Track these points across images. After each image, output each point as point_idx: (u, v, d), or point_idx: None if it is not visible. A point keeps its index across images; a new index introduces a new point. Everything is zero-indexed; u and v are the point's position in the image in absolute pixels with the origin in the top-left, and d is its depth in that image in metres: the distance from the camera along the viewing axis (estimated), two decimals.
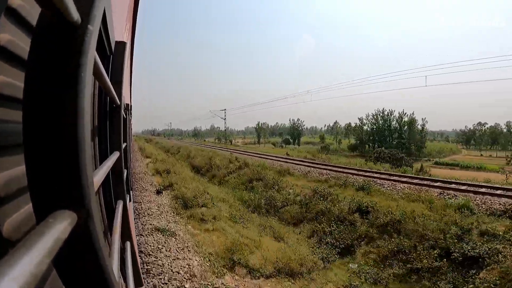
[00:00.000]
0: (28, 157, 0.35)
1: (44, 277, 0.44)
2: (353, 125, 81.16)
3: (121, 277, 1.28)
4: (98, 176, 0.60)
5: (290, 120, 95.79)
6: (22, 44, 0.45)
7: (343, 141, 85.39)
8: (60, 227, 0.31)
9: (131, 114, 4.56)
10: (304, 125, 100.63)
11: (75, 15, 0.36)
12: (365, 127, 73.91)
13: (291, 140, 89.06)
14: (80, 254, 0.40)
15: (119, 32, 1.65)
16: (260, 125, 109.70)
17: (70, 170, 0.35)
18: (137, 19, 5.35)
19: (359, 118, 76.24)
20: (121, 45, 1.33)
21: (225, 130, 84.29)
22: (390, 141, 66.83)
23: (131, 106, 5.16)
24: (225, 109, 62.62)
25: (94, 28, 0.40)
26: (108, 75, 1.07)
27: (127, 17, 2.67)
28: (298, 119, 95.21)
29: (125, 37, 2.58)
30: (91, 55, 0.39)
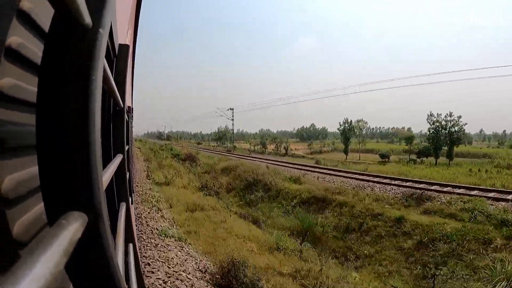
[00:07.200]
0: (41, 159, 0.36)
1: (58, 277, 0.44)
2: None
3: (125, 280, 1.27)
4: (104, 178, 0.60)
5: (429, 116, 41.71)
6: (33, 47, 0.46)
7: None
8: (72, 228, 0.31)
9: (132, 117, 4.57)
10: (462, 123, 39.24)
11: (87, 18, 0.37)
12: None
13: (432, 150, 40.07)
14: (90, 255, 0.40)
15: (122, 34, 1.66)
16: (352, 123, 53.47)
17: (81, 171, 0.36)
18: (140, 20, 5.37)
19: None
20: (124, 48, 1.34)
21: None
22: None
23: (132, 109, 5.18)
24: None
25: (104, 32, 0.40)
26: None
27: (129, 18, 2.68)
28: (450, 114, 39.64)
29: (128, 40, 2.59)
30: (102, 59, 0.40)
